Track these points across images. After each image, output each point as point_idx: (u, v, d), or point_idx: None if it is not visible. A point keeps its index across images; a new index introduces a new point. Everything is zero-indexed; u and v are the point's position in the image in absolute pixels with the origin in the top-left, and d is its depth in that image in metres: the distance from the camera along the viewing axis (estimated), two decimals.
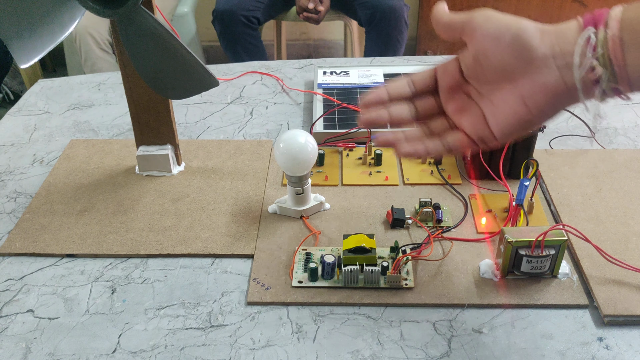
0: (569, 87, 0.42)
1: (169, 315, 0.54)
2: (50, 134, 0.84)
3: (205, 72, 0.59)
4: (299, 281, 0.57)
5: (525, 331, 0.52)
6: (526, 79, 0.44)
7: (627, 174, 0.70)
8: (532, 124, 0.45)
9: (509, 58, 0.44)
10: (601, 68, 0.41)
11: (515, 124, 0.45)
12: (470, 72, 0.47)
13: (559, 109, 0.44)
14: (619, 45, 0.40)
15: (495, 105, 0.46)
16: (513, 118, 0.45)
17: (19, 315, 0.55)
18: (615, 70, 0.40)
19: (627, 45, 0.40)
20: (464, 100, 0.49)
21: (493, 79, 0.46)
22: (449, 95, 0.49)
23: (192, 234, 0.63)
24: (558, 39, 0.43)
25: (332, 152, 0.76)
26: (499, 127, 0.46)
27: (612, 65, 0.40)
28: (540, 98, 0.43)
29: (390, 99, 0.51)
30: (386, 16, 1.83)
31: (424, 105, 0.50)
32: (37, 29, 0.56)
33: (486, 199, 0.67)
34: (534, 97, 0.44)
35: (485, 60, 0.45)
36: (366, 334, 0.52)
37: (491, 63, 0.45)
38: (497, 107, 0.46)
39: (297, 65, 1.02)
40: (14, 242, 0.63)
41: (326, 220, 0.65)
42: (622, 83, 0.41)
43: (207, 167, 0.74)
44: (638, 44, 0.39)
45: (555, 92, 0.43)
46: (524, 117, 0.44)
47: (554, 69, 0.42)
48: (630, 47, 0.40)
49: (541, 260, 0.54)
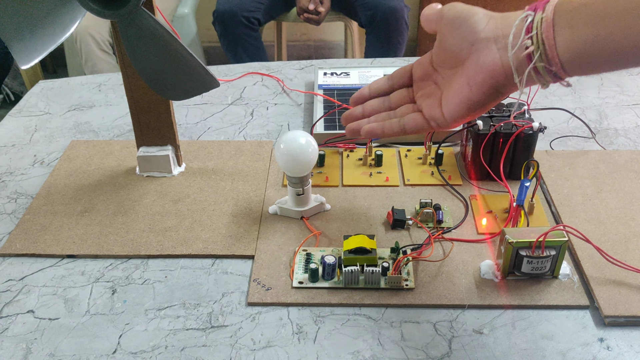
0: (505, 68, 0.45)
1: (170, 315, 0.54)
2: (51, 134, 0.84)
3: (206, 73, 0.59)
4: (299, 282, 0.57)
5: (525, 332, 0.52)
6: (471, 61, 0.47)
7: (628, 175, 0.70)
8: (476, 105, 0.48)
9: (459, 42, 0.48)
10: (533, 47, 0.43)
11: (460, 104, 0.49)
12: (436, 59, 0.52)
13: (499, 91, 0.47)
14: (551, 25, 0.42)
15: (450, 88, 0.50)
16: (458, 98, 0.49)
17: (19, 315, 0.55)
18: (547, 50, 0.43)
19: (557, 25, 0.42)
20: (431, 87, 0.53)
21: (451, 64, 0.50)
22: (420, 84, 0.54)
23: (193, 234, 0.63)
24: (502, 23, 0.46)
25: (333, 152, 0.76)
26: (448, 108, 0.50)
27: (544, 44, 0.43)
28: (480, 78, 0.47)
29: (371, 95, 0.57)
30: (387, 17, 1.83)
31: (397, 97, 0.56)
32: (37, 29, 0.56)
33: (487, 200, 0.67)
34: (475, 78, 0.47)
35: (444, 46, 0.50)
36: (367, 335, 0.52)
37: (448, 48, 0.50)
38: (450, 89, 0.50)
39: (298, 66, 1.02)
40: (14, 242, 0.63)
41: (327, 221, 0.65)
42: (554, 63, 0.43)
43: (207, 168, 0.74)
44: (567, 24, 0.42)
45: (493, 72, 0.46)
46: (468, 97, 0.48)
47: (494, 50, 0.46)
48: (560, 28, 0.42)
49: (542, 261, 0.54)
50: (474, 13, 0.47)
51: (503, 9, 0.49)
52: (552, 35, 0.42)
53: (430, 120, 0.51)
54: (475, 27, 0.47)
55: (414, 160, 0.74)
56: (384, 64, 1.00)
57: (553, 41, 0.42)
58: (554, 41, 0.42)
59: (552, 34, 0.42)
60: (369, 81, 0.90)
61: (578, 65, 0.43)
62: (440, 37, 0.51)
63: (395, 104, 0.56)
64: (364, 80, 0.91)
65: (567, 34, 0.42)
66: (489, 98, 0.47)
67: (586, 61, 0.42)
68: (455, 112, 0.49)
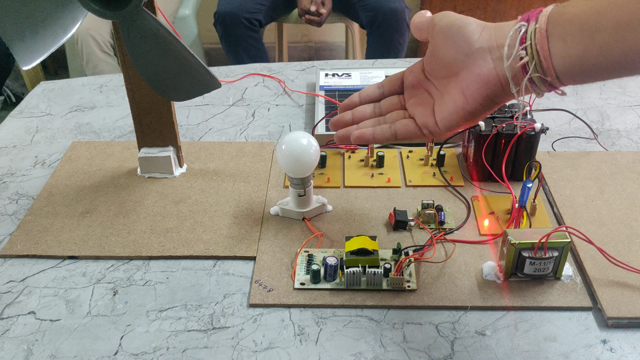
0: (500, 78, 0.46)
1: (171, 317, 0.54)
2: (52, 136, 0.84)
3: (208, 73, 0.59)
4: (301, 283, 0.56)
5: (528, 333, 0.52)
6: (465, 72, 0.47)
7: (630, 176, 0.70)
8: (471, 115, 0.48)
9: (453, 52, 0.48)
10: (528, 57, 0.43)
11: (455, 114, 0.49)
12: (429, 68, 0.52)
13: (494, 101, 0.47)
14: (545, 37, 0.43)
15: (443, 97, 0.50)
16: (453, 108, 0.49)
17: (20, 317, 0.55)
18: (542, 61, 0.43)
19: (551, 36, 0.42)
20: (423, 95, 0.53)
21: (444, 73, 0.50)
22: (412, 92, 0.54)
23: (194, 235, 0.63)
24: (496, 33, 0.46)
25: (334, 154, 0.76)
26: (442, 117, 0.50)
27: (539, 55, 0.43)
28: (475, 89, 0.47)
29: (361, 102, 0.57)
30: (388, 19, 1.83)
31: (388, 103, 0.56)
32: (39, 30, 0.56)
33: (489, 201, 0.67)
34: (470, 88, 0.47)
35: (437, 55, 0.50)
36: (369, 336, 0.52)
37: (441, 58, 0.49)
38: (444, 98, 0.50)
39: (299, 67, 1.02)
40: (15, 243, 0.63)
41: (328, 222, 0.65)
42: (549, 73, 0.43)
43: (209, 169, 0.74)
44: (561, 36, 0.42)
45: (488, 82, 0.46)
46: (463, 108, 0.48)
47: (489, 61, 0.46)
48: (554, 39, 0.42)
49: (544, 262, 0.54)
50: (468, 23, 0.47)
51: (504, 9, 0.49)
52: (546, 46, 0.43)
53: (423, 127, 0.51)
54: (469, 38, 0.47)
55: (415, 161, 0.74)
56: (386, 64, 1.00)
57: (548, 52, 0.43)
58: (549, 52, 0.43)
59: (547, 45, 0.43)
60: (370, 82, 0.90)
61: (573, 75, 0.43)
62: (432, 46, 0.50)
63: (386, 110, 0.56)
64: (365, 81, 0.91)
65: (561, 46, 0.42)
66: (484, 108, 0.48)
67: (581, 72, 0.42)
68: (449, 122, 0.49)
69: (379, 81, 0.58)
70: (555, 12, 0.43)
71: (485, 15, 2.23)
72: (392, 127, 0.53)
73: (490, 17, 2.22)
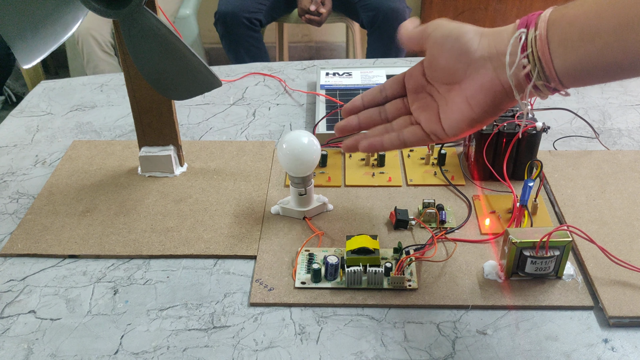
0: (504, 85, 0.46)
1: (172, 316, 0.54)
2: (53, 135, 0.84)
3: (208, 72, 0.59)
4: (302, 282, 0.56)
5: (529, 333, 0.52)
6: (468, 80, 0.47)
7: (631, 175, 0.70)
8: (478, 121, 0.48)
9: (452, 62, 0.48)
10: (530, 65, 0.43)
11: (462, 121, 0.49)
12: (429, 75, 0.52)
13: (499, 107, 0.47)
14: (545, 43, 0.42)
15: (448, 104, 0.50)
16: (459, 116, 0.49)
17: (20, 316, 0.55)
18: (544, 67, 0.43)
19: (552, 42, 0.42)
20: (427, 99, 0.53)
21: (445, 80, 0.50)
22: (415, 96, 0.54)
23: (195, 234, 0.63)
24: (495, 41, 0.46)
25: (335, 153, 0.76)
26: (448, 124, 0.50)
27: (541, 62, 0.43)
28: (481, 98, 0.47)
29: (365, 106, 0.56)
30: (388, 18, 1.83)
31: (393, 107, 0.55)
32: (40, 29, 0.56)
33: (490, 200, 0.66)
34: (476, 97, 0.47)
35: (436, 65, 0.50)
36: (370, 336, 0.52)
37: (440, 67, 0.49)
38: (448, 105, 0.50)
39: (300, 66, 1.02)
40: (16, 242, 0.63)
41: (329, 221, 0.65)
42: (552, 79, 0.43)
43: (209, 168, 0.74)
44: (561, 41, 0.42)
45: (493, 91, 0.46)
46: (469, 116, 0.48)
47: (491, 69, 0.46)
48: (555, 44, 0.42)
49: (546, 262, 0.54)
50: (465, 32, 0.47)
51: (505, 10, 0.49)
52: (547, 53, 0.42)
53: (430, 134, 0.52)
54: (468, 48, 0.46)
55: (416, 160, 0.74)
56: (386, 64, 1.00)
57: (549, 59, 0.42)
58: (550, 58, 0.42)
59: (548, 52, 0.42)
60: (371, 81, 0.90)
61: (575, 79, 0.43)
62: (430, 57, 0.50)
63: (392, 115, 0.55)
64: (366, 80, 0.91)
65: (562, 51, 0.42)
66: (489, 114, 0.48)
67: (583, 75, 0.42)
68: (456, 128, 0.50)
69: (379, 80, 0.58)
70: (555, 17, 0.42)
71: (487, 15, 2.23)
72: (400, 135, 0.53)
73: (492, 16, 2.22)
